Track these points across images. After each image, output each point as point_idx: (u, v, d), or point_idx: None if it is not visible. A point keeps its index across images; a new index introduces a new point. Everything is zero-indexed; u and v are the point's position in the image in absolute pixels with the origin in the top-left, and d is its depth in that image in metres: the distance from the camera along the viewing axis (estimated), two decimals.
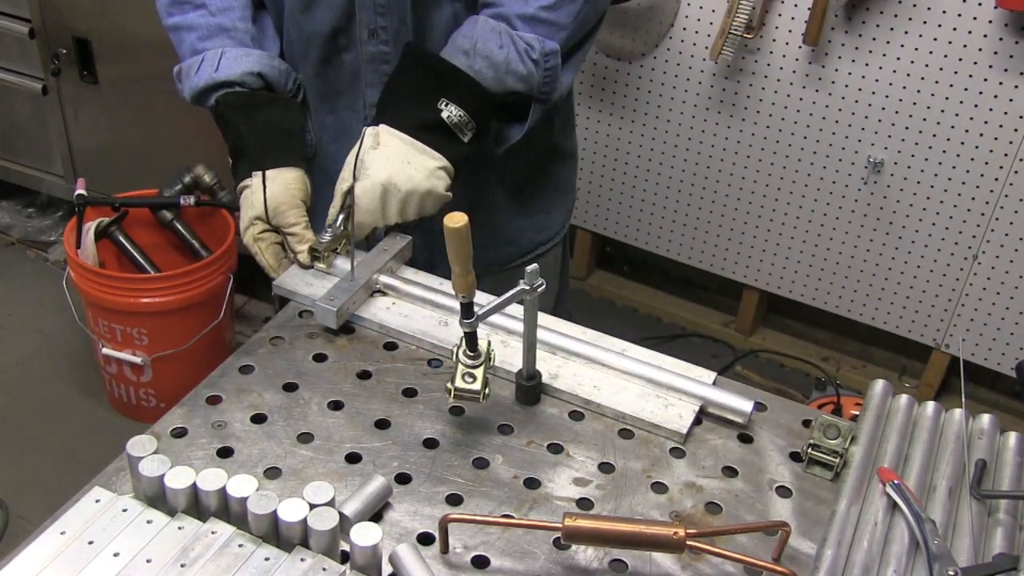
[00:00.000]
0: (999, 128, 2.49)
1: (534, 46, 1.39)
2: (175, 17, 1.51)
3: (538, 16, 1.39)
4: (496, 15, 1.39)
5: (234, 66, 1.45)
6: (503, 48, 1.37)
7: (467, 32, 1.39)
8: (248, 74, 1.45)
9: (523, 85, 1.40)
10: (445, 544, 1.05)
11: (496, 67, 1.37)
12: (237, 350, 1.31)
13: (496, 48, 1.36)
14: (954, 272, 2.73)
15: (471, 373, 1.16)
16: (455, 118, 1.36)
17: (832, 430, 1.16)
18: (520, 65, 1.38)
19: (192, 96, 1.49)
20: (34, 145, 3.34)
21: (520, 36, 1.38)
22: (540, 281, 1.15)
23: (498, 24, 1.38)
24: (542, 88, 1.42)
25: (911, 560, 1.04)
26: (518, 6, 1.39)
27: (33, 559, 0.95)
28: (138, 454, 1.00)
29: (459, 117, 1.36)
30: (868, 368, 3.07)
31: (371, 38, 1.44)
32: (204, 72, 1.46)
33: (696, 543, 1.00)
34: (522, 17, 1.38)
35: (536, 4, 1.39)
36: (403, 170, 1.34)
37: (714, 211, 2.99)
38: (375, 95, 1.48)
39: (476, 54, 1.36)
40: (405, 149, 1.35)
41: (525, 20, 1.39)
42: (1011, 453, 1.18)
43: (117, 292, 2.50)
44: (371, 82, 1.48)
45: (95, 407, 2.85)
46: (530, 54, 1.38)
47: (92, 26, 2.87)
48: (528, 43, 1.38)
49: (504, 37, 1.37)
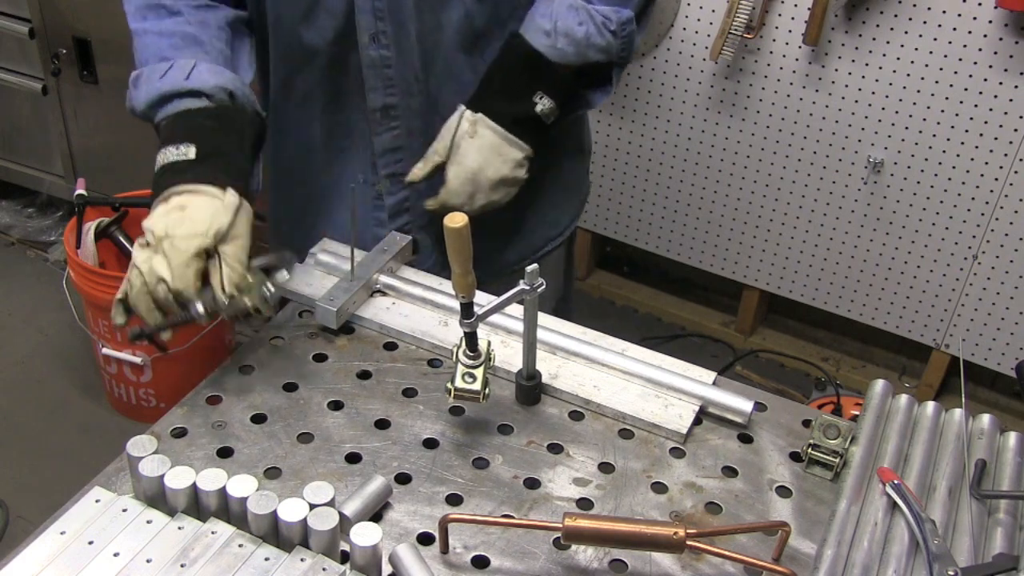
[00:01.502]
0: (999, 128, 2.49)
1: (611, 18, 1.42)
2: (148, 21, 1.42)
3: None
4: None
5: (208, 78, 1.32)
6: (583, 24, 1.40)
7: (544, 11, 1.41)
8: (220, 88, 1.32)
9: (603, 56, 1.43)
10: (445, 544, 1.05)
11: (577, 43, 1.40)
12: (237, 350, 1.31)
13: (576, 25, 1.40)
14: (954, 272, 2.73)
15: (471, 373, 1.16)
16: (546, 110, 1.42)
17: (832, 430, 1.16)
18: (599, 38, 1.42)
19: (150, 100, 1.34)
20: (34, 145, 3.34)
21: (597, 10, 1.42)
22: (540, 281, 1.15)
23: (574, 0, 1.41)
24: (620, 54, 1.46)
25: (911, 560, 1.04)
26: None
27: (33, 559, 0.95)
28: (138, 454, 1.01)
29: (549, 108, 1.42)
30: (868, 368, 3.07)
31: (372, 43, 1.44)
32: (172, 78, 1.32)
33: (696, 543, 1.00)
34: None
35: None
36: (493, 162, 1.40)
37: (714, 211, 2.99)
38: (378, 99, 1.47)
39: (557, 33, 1.40)
40: (499, 143, 1.40)
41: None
42: (1011, 453, 1.18)
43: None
44: (373, 86, 1.47)
45: (95, 407, 2.85)
46: (608, 26, 1.42)
47: (92, 26, 2.87)
48: (605, 15, 1.42)
49: (582, 13, 1.40)
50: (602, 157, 3.08)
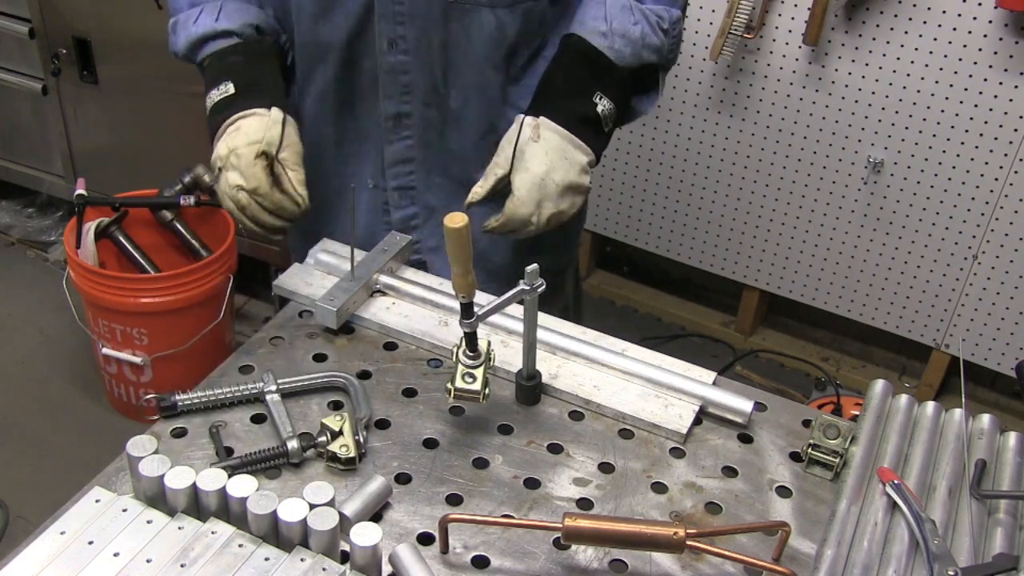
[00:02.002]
0: (999, 128, 2.49)
1: (663, 16, 1.42)
2: None
3: None
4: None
5: (234, 16, 1.44)
6: (637, 24, 1.39)
7: (596, 13, 1.40)
8: (247, 25, 1.45)
9: (656, 56, 1.42)
10: (445, 544, 1.05)
11: (633, 43, 1.39)
12: (237, 350, 1.31)
13: (631, 25, 1.39)
14: (954, 272, 2.73)
15: (471, 373, 1.16)
16: (606, 112, 1.39)
17: (832, 430, 1.16)
18: (654, 37, 1.41)
19: (188, 45, 1.46)
20: (34, 145, 3.34)
21: (650, 9, 1.41)
22: (540, 281, 1.15)
23: (626, 0, 1.40)
24: (669, 55, 1.45)
25: (911, 560, 1.04)
26: None
27: (33, 559, 0.95)
28: (138, 454, 1.00)
29: (609, 111, 1.39)
30: (868, 368, 3.07)
31: (390, 48, 1.42)
32: (203, 22, 1.45)
33: (696, 543, 1.00)
34: None
35: None
36: (560, 165, 1.34)
37: (714, 211, 2.98)
38: (391, 106, 1.47)
39: (614, 34, 1.38)
40: (563, 145, 1.35)
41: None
42: (1011, 453, 1.18)
43: (117, 292, 2.50)
44: (389, 94, 1.46)
45: (95, 407, 2.85)
46: (661, 25, 1.41)
47: (92, 26, 2.87)
48: (658, 15, 1.41)
49: (636, 13, 1.40)
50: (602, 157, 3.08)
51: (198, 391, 1.20)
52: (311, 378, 1.24)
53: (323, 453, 1.13)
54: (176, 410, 1.18)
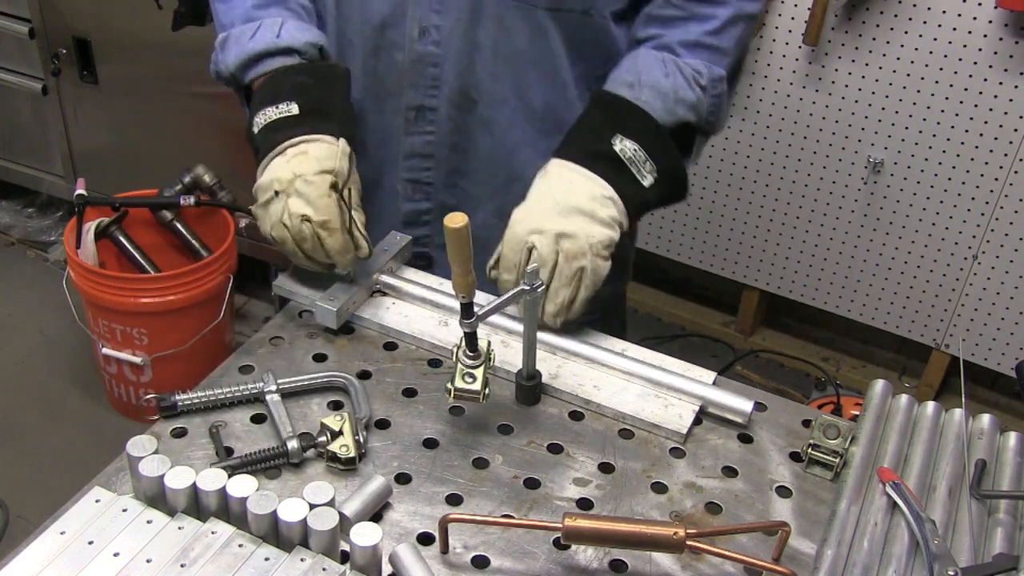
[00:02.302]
0: (999, 128, 2.49)
1: (702, 71, 1.32)
2: None
3: (702, 42, 1.32)
4: (658, 45, 1.33)
5: (297, 35, 1.36)
6: (669, 76, 1.30)
7: (628, 66, 1.32)
8: (311, 45, 1.37)
9: (693, 114, 1.32)
10: (445, 544, 1.05)
11: (664, 96, 1.30)
12: (237, 350, 1.31)
13: (662, 76, 1.30)
14: (954, 272, 2.73)
15: (471, 373, 1.16)
16: (629, 152, 1.27)
17: (832, 430, 1.16)
18: (689, 92, 1.31)
19: (241, 61, 1.36)
20: (34, 145, 3.34)
21: (686, 62, 1.31)
22: (540, 281, 1.15)
23: (660, 53, 1.32)
24: (708, 117, 1.34)
25: (911, 560, 1.04)
26: (679, 33, 1.32)
27: (33, 559, 0.95)
28: (138, 454, 1.00)
29: (633, 152, 1.27)
30: (868, 368, 3.07)
31: (421, 37, 1.36)
32: (263, 37, 1.35)
33: (696, 543, 1.00)
34: (685, 44, 1.32)
35: (699, 30, 1.31)
36: (563, 187, 1.25)
37: (714, 211, 2.98)
38: (416, 98, 1.40)
39: (641, 85, 1.30)
40: (569, 174, 1.26)
41: (688, 47, 1.32)
42: (1011, 453, 1.18)
43: (117, 292, 2.50)
44: (413, 82, 1.40)
45: (95, 407, 2.85)
46: (698, 80, 1.31)
47: (92, 26, 2.87)
48: (695, 68, 1.32)
49: (669, 64, 1.31)
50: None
51: (198, 391, 1.19)
52: (311, 378, 1.24)
53: (323, 453, 1.13)
54: (176, 410, 1.18)
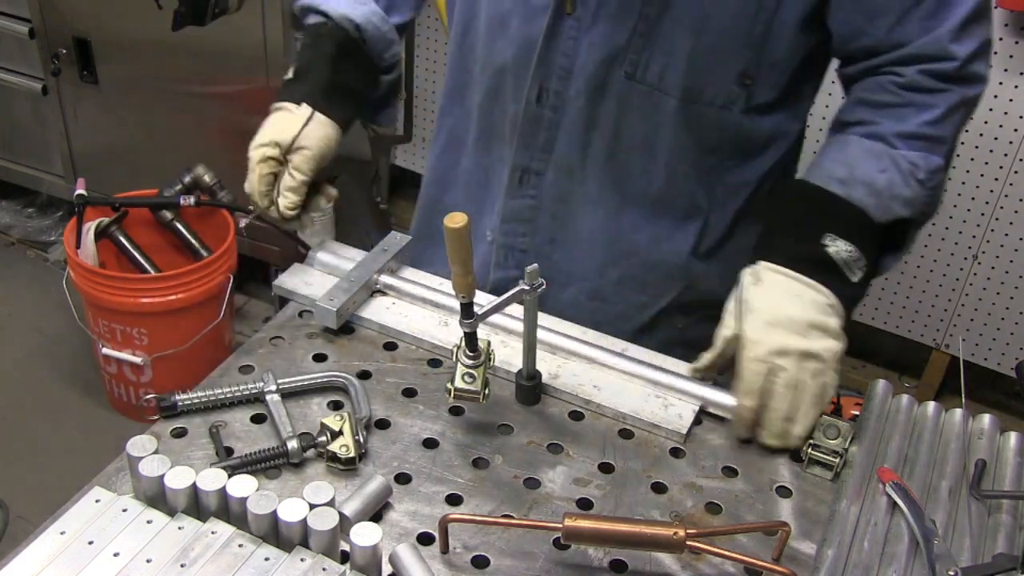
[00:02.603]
0: (999, 128, 2.49)
1: (919, 164, 1.22)
2: None
3: (921, 133, 1.22)
4: (870, 134, 1.23)
5: (340, 4, 1.39)
6: (884, 172, 1.21)
7: (837, 156, 1.23)
8: (346, 19, 1.38)
9: (908, 210, 1.23)
10: (445, 544, 1.05)
11: (878, 194, 1.20)
12: (237, 350, 1.31)
13: (877, 172, 1.21)
14: (954, 272, 2.73)
15: (471, 373, 1.16)
16: (843, 254, 1.19)
17: (832, 430, 1.16)
18: (905, 188, 1.21)
19: (299, 8, 1.45)
20: (34, 145, 3.34)
21: (903, 155, 1.22)
22: (540, 281, 1.14)
23: (874, 144, 1.22)
24: (924, 209, 1.25)
25: (911, 560, 1.04)
26: (893, 124, 1.22)
27: (33, 559, 0.95)
28: (138, 454, 1.00)
29: (847, 253, 1.20)
30: (868, 368, 3.07)
31: (539, 99, 1.31)
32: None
33: (696, 543, 1.00)
34: (902, 136, 1.22)
35: (917, 120, 1.22)
36: (792, 301, 1.17)
37: None
38: (523, 159, 1.37)
39: (854, 182, 1.21)
40: (791, 284, 1.18)
41: (905, 138, 1.22)
42: (1011, 453, 1.18)
43: (117, 292, 2.50)
44: (524, 144, 1.36)
45: (95, 407, 2.85)
46: (915, 174, 1.22)
47: (92, 26, 2.87)
48: (912, 162, 1.22)
49: (884, 159, 1.21)
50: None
51: (198, 391, 1.19)
52: (311, 378, 1.24)
53: (323, 453, 1.13)
54: (176, 410, 1.18)
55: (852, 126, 1.26)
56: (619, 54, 1.26)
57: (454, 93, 1.46)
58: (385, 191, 3.36)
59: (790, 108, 1.35)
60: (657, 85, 1.27)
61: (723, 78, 1.26)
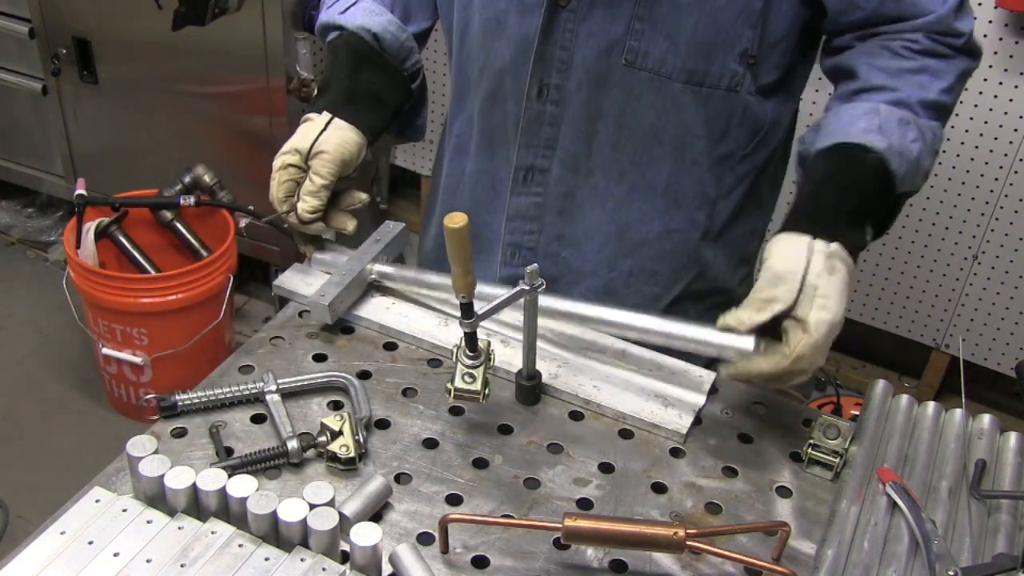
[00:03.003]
0: (999, 128, 2.49)
1: (937, 135, 1.23)
2: None
3: (940, 101, 1.23)
4: (897, 101, 1.21)
5: (357, 17, 1.42)
6: (915, 142, 1.19)
7: (870, 124, 1.19)
8: (363, 29, 1.40)
9: (923, 181, 1.23)
10: (445, 544, 1.05)
11: (909, 164, 1.19)
12: (237, 350, 1.31)
13: (910, 142, 1.19)
14: (954, 272, 2.73)
15: (471, 373, 1.16)
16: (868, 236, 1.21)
17: (832, 430, 1.16)
18: (928, 160, 1.21)
19: (320, 27, 1.48)
20: (34, 145, 3.34)
21: (927, 125, 1.21)
22: (540, 281, 1.15)
23: (904, 113, 1.20)
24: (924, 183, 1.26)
25: (911, 560, 1.04)
26: (917, 91, 1.21)
27: (33, 559, 0.95)
28: (138, 454, 1.00)
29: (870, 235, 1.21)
30: (868, 368, 3.07)
31: (540, 95, 1.31)
32: (333, 10, 1.45)
33: (696, 543, 1.00)
34: (924, 104, 1.22)
35: (937, 87, 1.22)
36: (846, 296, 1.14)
37: None
38: (527, 158, 1.36)
39: (892, 151, 1.18)
40: (848, 276, 1.15)
41: (928, 107, 1.22)
42: (1011, 453, 1.18)
43: (117, 292, 2.50)
44: (527, 142, 1.35)
45: (95, 407, 2.85)
46: (936, 146, 1.22)
47: (92, 26, 2.87)
48: (935, 133, 1.22)
49: (913, 129, 1.19)
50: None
51: (198, 391, 1.19)
52: (311, 378, 1.24)
53: (323, 453, 1.13)
54: (176, 410, 1.18)
55: (871, 92, 1.23)
56: (618, 42, 1.26)
57: (457, 99, 1.47)
58: (385, 191, 3.36)
59: (790, 90, 1.37)
60: (659, 70, 1.27)
61: (726, 58, 1.26)
